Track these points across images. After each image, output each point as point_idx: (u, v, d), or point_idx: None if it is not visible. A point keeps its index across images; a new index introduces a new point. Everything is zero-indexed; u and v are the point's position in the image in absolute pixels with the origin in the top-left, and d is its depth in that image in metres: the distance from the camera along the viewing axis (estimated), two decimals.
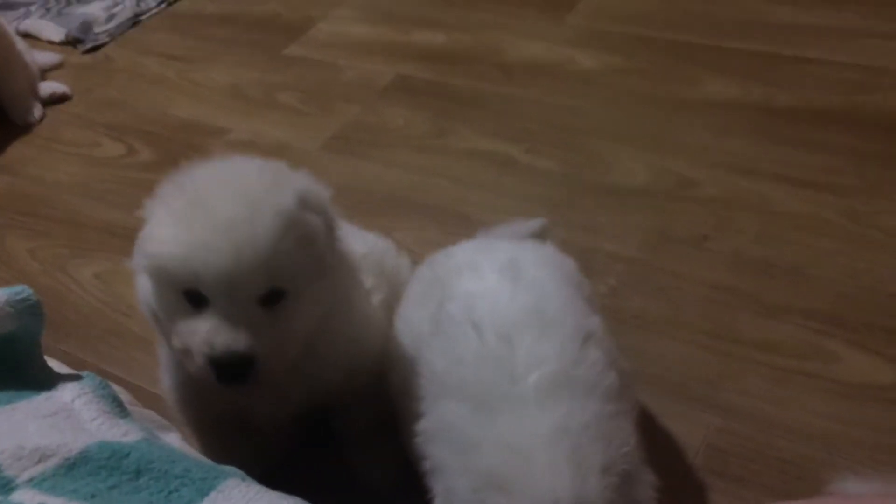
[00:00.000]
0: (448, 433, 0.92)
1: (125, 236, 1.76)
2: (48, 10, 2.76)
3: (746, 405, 1.27)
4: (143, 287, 1.00)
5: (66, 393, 0.82)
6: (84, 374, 0.86)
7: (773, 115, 1.84)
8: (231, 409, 1.14)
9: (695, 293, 1.46)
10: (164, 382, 1.18)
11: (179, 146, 2.04)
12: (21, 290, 0.86)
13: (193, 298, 0.94)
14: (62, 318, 1.60)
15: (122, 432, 0.76)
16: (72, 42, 2.58)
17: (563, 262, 1.13)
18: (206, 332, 0.92)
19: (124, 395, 0.87)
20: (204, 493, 0.72)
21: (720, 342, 1.37)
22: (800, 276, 1.46)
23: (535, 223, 1.35)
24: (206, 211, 0.92)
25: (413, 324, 1.10)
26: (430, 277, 1.14)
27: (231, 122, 2.11)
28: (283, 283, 0.95)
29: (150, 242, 0.95)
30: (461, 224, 1.67)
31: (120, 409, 0.81)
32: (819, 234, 1.53)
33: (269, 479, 1.27)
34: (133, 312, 1.58)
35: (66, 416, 0.78)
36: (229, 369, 0.93)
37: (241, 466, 1.20)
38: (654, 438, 1.24)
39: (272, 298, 0.95)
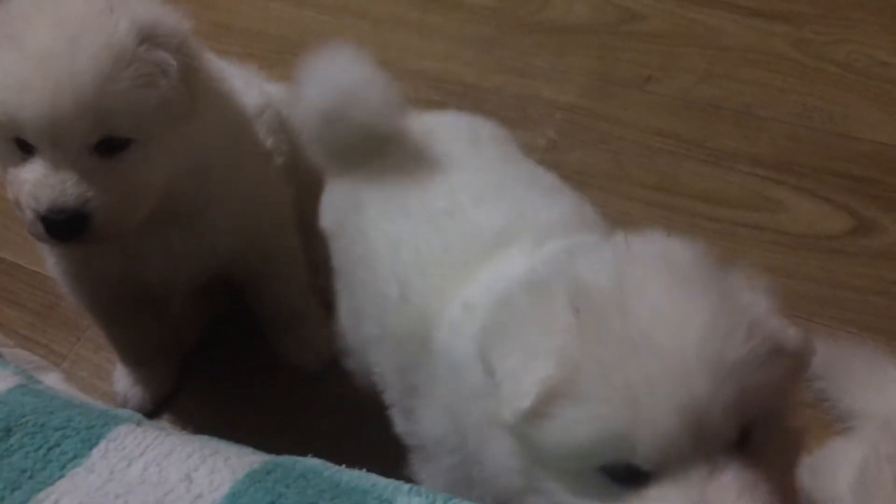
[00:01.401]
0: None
1: None
2: None
3: None
4: None
5: None
6: None
7: None
8: (124, 280, 1.03)
9: (638, 142, 1.36)
10: (48, 259, 1.07)
11: None
12: None
13: (22, 144, 0.82)
14: None
15: None
16: None
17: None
18: (31, 185, 0.80)
19: None
20: (91, 444, 0.63)
21: (664, 195, 1.29)
22: (748, 118, 1.37)
23: None
24: (19, 44, 0.78)
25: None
26: None
27: None
28: (122, 130, 0.82)
29: None
30: (384, 72, 1.51)
31: None
32: (769, 70, 1.43)
33: (193, 368, 1.22)
34: None
35: None
36: (58, 225, 0.81)
37: (151, 351, 1.16)
38: None
39: (112, 146, 0.82)
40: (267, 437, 1.08)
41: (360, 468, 0.63)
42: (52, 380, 0.73)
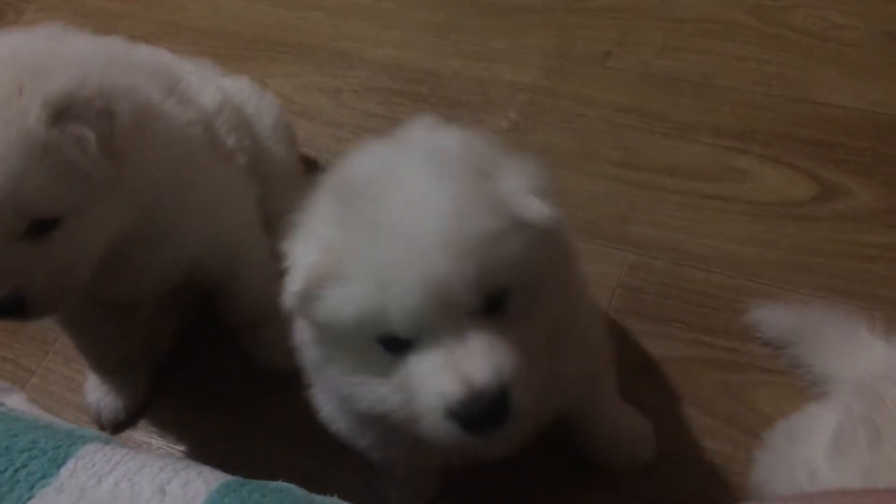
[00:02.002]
0: None
1: None
2: None
3: (659, 237, 1.21)
4: None
5: None
6: None
7: None
8: (87, 291, 1.00)
9: (601, 119, 1.35)
10: None
11: None
12: None
13: None
14: None
15: None
16: None
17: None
18: None
19: None
20: (59, 463, 0.61)
21: (630, 171, 1.29)
22: (709, 89, 1.36)
23: None
24: None
25: None
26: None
27: None
28: (48, 212, 0.78)
29: None
30: (340, 63, 1.49)
31: None
32: (727, 39, 1.42)
33: (166, 376, 1.20)
34: None
35: None
36: None
37: (122, 359, 1.14)
38: None
39: (39, 228, 0.78)
40: (245, 444, 1.10)
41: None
42: (15, 401, 0.71)
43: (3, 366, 1.22)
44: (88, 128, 0.77)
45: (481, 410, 0.63)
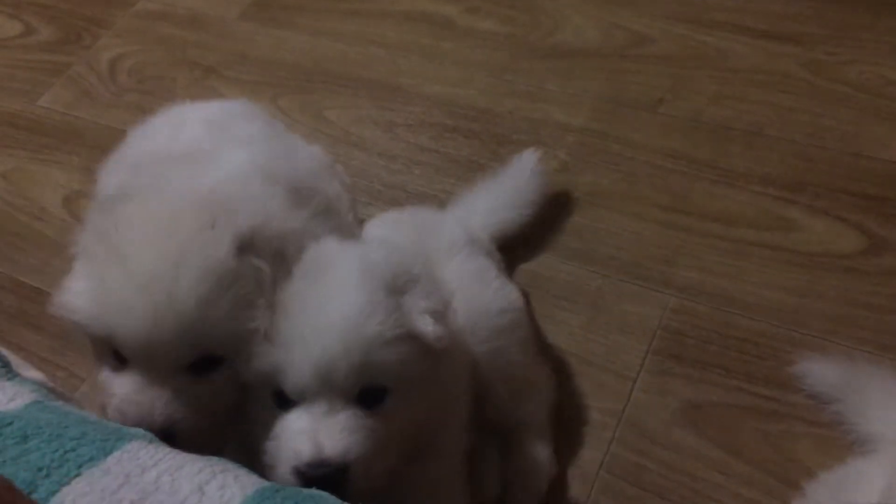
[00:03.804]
0: None
1: (30, 128, 1.61)
2: None
3: (704, 282, 1.21)
4: None
5: None
6: None
7: None
8: None
9: (650, 163, 1.37)
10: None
11: (82, 21, 1.83)
12: None
13: (118, 355, 0.80)
14: None
15: (7, 397, 0.66)
16: None
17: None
18: (119, 399, 0.79)
19: (13, 359, 0.76)
20: (107, 452, 0.63)
21: (676, 216, 1.29)
22: (759, 139, 1.37)
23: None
24: (123, 260, 0.76)
25: None
26: None
27: None
28: (218, 350, 0.79)
29: (66, 294, 0.80)
30: (397, 98, 1.54)
31: (5, 371, 0.71)
32: (780, 91, 1.43)
33: None
34: (46, 215, 1.46)
35: None
36: None
37: None
38: (608, 323, 1.18)
39: (205, 366, 0.80)
40: None
41: None
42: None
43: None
44: (264, 263, 0.80)
45: (321, 476, 0.74)
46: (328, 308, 0.77)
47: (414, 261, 0.86)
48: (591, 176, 1.36)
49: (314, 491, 0.66)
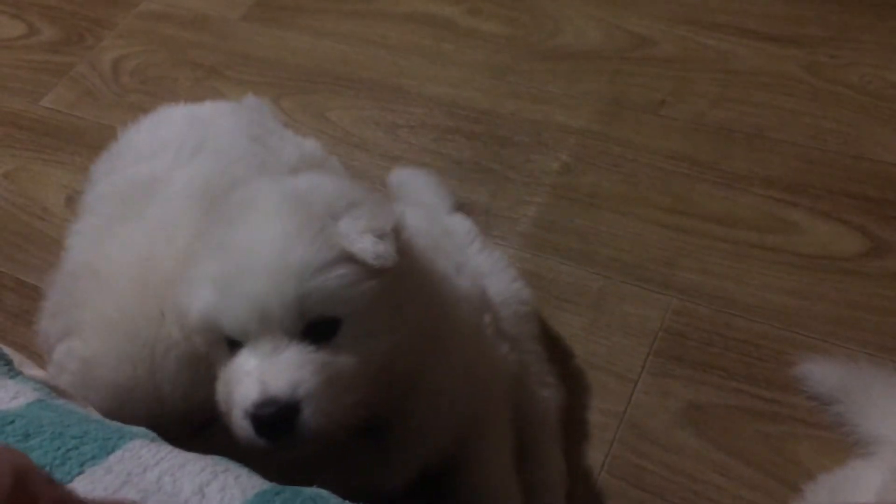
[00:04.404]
0: None
1: (33, 129, 1.61)
2: None
3: (705, 284, 1.21)
4: None
5: None
6: None
7: None
8: None
9: (651, 165, 1.37)
10: None
11: (84, 21, 1.83)
12: None
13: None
14: None
15: (9, 395, 0.67)
16: None
17: None
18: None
19: (16, 357, 0.76)
20: (108, 451, 0.64)
21: (677, 217, 1.29)
22: (761, 141, 1.37)
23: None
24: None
25: None
26: None
27: None
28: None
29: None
30: (398, 99, 1.54)
31: (7, 370, 0.71)
32: (782, 94, 1.43)
33: None
34: (48, 215, 1.46)
35: None
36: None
37: None
38: (610, 324, 1.19)
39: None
40: None
41: None
42: (70, 406, 0.74)
43: None
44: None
45: (270, 416, 0.70)
46: (252, 243, 0.73)
47: (357, 187, 0.81)
48: (592, 177, 1.37)
49: (314, 491, 0.66)
